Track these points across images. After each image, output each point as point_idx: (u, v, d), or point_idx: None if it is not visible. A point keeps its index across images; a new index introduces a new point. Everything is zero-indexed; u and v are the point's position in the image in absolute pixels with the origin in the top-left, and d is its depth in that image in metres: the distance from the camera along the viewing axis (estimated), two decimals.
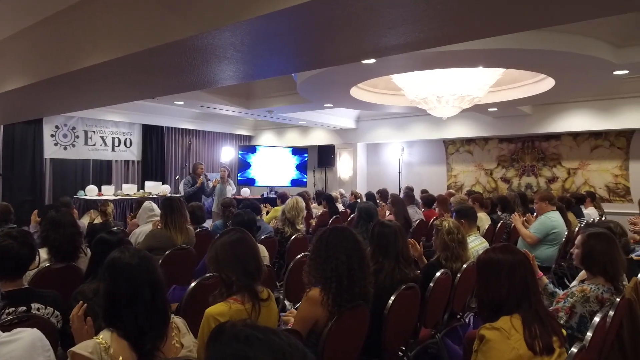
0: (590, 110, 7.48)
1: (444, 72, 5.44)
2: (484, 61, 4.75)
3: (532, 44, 4.15)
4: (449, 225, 3.21)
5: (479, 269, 1.85)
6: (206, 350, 0.75)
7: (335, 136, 10.53)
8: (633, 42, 4.62)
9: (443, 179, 9.66)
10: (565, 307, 2.34)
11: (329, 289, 2.12)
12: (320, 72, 5.10)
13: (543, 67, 5.02)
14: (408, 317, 2.67)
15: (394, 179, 9.98)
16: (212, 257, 2.12)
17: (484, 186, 9.07)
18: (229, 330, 0.74)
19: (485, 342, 1.65)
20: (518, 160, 8.78)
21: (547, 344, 1.64)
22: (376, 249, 2.67)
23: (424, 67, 5.03)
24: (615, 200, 7.75)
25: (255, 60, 3.87)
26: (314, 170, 11.12)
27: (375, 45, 3.41)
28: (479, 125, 8.56)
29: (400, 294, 2.50)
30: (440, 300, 3.02)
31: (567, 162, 8.28)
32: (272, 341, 0.72)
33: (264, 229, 4.36)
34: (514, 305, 1.70)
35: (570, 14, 2.81)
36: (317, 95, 6.55)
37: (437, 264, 3.14)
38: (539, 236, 4.48)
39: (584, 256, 2.44)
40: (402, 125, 9.43)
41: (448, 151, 9.65)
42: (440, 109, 6.03)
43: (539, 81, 6.02)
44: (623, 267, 2.52)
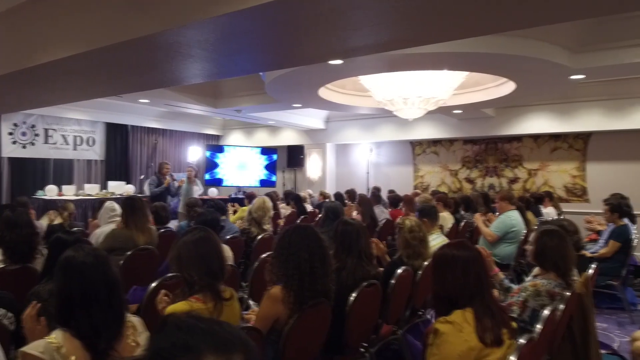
0: (550, 114, 7.77)
1: (410, 74, 5.54)
2: (448, 64, 4.87)
3: (494, 48, 4.28)
4: (410, 224, 3.29)
5: (435, 264, 1.91)
6: (149, 341, 0.76)
7: (305, 136, 10.56)
8: (589, 48, 4.82)
9: (410, 179, 9.83)
10: (518, 301, 2.44)
11: (290, 287, 2.14)
12: (288, 72, 5.11)
13: (504, 70, 5.18)
14: (370, 314, 2.72)
15: (362, 179, 10.08)
16: (174, 256, 2.11)
17: (449, 186, 9.28)
18: (171, 321, 0.75)
19: (439, 336, 1.70)
20: (482, 161, 9.03)
21: (497, 336, 1.71)
22: (339, 246, 2.71)
23: (390, 69, 5.12)
24: (573, 200, 8.07)
25: (222, 59, 3.85)
26: (284, 170, 11.11)
27: (342, 46, 3.45)
28: (445, 127, 8.76)
29: (362, 290, 2.54)
30: (402, 297, 3.08)
31: (528, 163, 8.57)
32: (214, 330, 0.73)
33: (229, 229, 4.34)
34: (467, 299, 1.76)
35: (531, 19, 2.92)
36: (285, 95, 6.56)
37: (399, 261, 3.20)
38: (499, 234, 4.63)
39: (537, 253, 2.55)
40: (371, 126, 9.54)
41: (415, 152, 9.83)
42: (406, 111, 6.13)
43: (501, 84, 6.21)
44: (573, 262, 2.65)
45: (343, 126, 9.97)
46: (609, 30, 4.60)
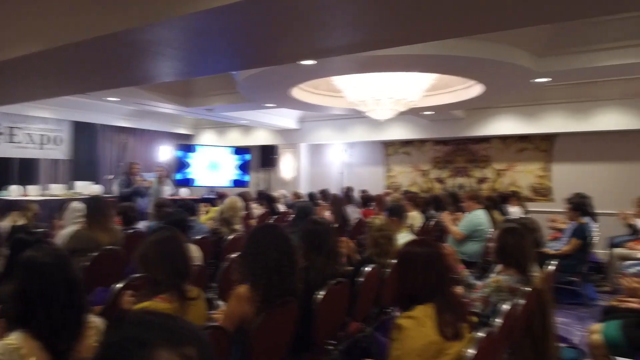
0: (517, 115, 7.99)
1: (382, 76, 5.61)
2: (419, 66, 4.96)
3: (463, 51, 4.39)
4: (379, 223, 3.35)
5: (398, 261, 1.95)
6: (103, 336, 0.76)
7: (278, 136, 10.54)
8: (553, 52, 4.99)
9: (382, 179, 9.94)
10: (481, 297, 2.52)
11: (258, 285, 2.16)
12: (260, 72, 5.10)
13: (472, 73, 5.30)
14: (338, 312, 2.75)
15: (336, 179, 10.14)
16: (139, 256, 2.10)
17: (420, 186, 9.43)
18: (126, 318, 0.76)
19: (401, 331, 1.75)
20: (452, 162, 9.21)
21: (457, 330, 1.76)
22: (308, 245, 2.73)
23: (362, 70, 5.17)
24: (538, 200, 8.32)
25: (192, 57, 3.82)
26: (257, 170, 11.06)
27: (315, 47, 3.48)
28: (416, 128, 8.89)
29: (330, 288, 2.57)
30: (370, 294, 3.13)
31: (496, 163, 8.79)
32: (167, 324, 0.74)
33: (199, 229, 4.31)
34: (429, 295, 1.81)
35: (499, 23, 3.01)
36: (257, 94, 6.54)
37: (368, 259, 3.25)
38: (466, 233, 4.75)
39: (499, 250, 2.63)
40: (344, 126, 9.61)
41: (387, 153, 9.94)
42: (378, 112, 6.21)
43: (470, 87, 6.35)
44: (533, 259, 2.75)
45: (317, 126, 10.00)
46: (572, 35, 4.77)
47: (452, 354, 1.73)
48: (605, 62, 4.75)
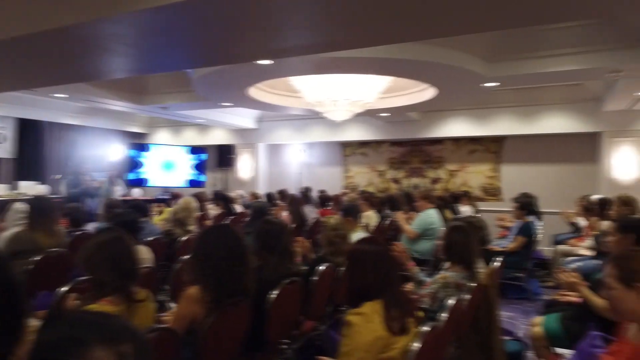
0: (468, 118, 8.28)
1: (338, 77, 5.68)
2: (374, 69, 5.05)
3: (416, 55, 4.51)
4: (333, 222, 3.39)
5: (348, 259, 1.99)
6: (37, 335, 0.75)
7: (236, 136, 10.43)
8: (502, 58, 5.20)
9: (340, 179, 10.04)
10: (429, 293, 2.60)
11: (208, 286, 2.14)
12: (216, 70, 5.03)
13: (426, 77, 5.45)
14: (291, 310, 2.77)
15: (295, 179, 10.14)
16: (84, 258, 2.03)
17: (376, 186, 9.59)
18: (61, 317, 0.75)
19: (351, 327, 1.79)
20: (407, 163, 9.43)
21: (404, 325, 1.82)
22: (261, 244, 2.73)
23: (318, 71, 5.21)
24: (488, 199, 8.65)
25: (144, 54, 3.74)
26: (214, 170, 10.90)
27: (271, 47, 3.48)
28: (373, 129, 9.04)
29: (283, 288, 2.58)
30: (324, 292, 3.16)
31: (449, 164, 9.08)
32: (102, 322, 0.74)
33: (151, 231, 4.21)
34: (377, 291, 1.86)
35: (451, 28, 3.12)
36: (213, 93, 6.45)
37: (322, 259, 3.28)
38: (419, 231, 4.88)
39: (446, 247, 2.73)
40: (302, 127, 9.63)
41: (345, 153, 10.05)
42: (335, 112, 6.28)
43: (424, 90, 6.52)
44: (478, 256, 2.86)
45: (275, 126, 9.98)
46: (519, 42, 4.99)
47: (399, 348, 1.78)
48: (549, 68, 5.01)
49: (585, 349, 2.12)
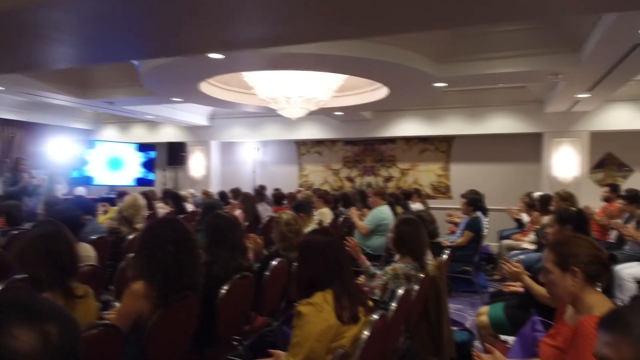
0: (419, 118, 8.48)
1: (292, 74, 5.66)
2: (327, 66, 5.06)
3: (369, 53, 4.56)
4: (286, 217, 3.37)
5: (299, 250, 1.98)
6: None
7: (188, 133, 10.18)
8: (451, 59, 5.36)
9: (295, 178, 10.02)
10: (380, 284, 2.63)
11: (154, 281, 2.06)
12: (165, 63, 4.87)
13: (378, 76, 5.53)
14: (242, 306, 2.72)
15: (249, 178, 10.02)
16: (17, 253, 1.90)
17: (331, 185, 9.65)
18: None
19: (301, 317, 1.77)
20: (361, 161, 9.55)
21: (354, 314, 1.83)
22: (211, 239, 2.67)
23: (272, 67, 5.17)
24: (438, 197, 8.90)
25: (87, 43, 3.56)
26: (164, 169, 10.58)
27: (223, 39, 3.41)
28: (328, 128, 9.09)
29: (234, 283, 2.53)
30: (277, 288, 3.13)
31: (401, 163, 9.27)
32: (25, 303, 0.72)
33: (95, 229, 4.02)
34: (328, 281, 1.85)
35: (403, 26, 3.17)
36: (163, 88, 6.26)
37: (276, 254, 3.25)
38: (371, 227, 4.94)
39: (396, 239, 2.77)
40: (256, 125, 9.54)
41: (300, 152, 10.04)
42: (289, 110, 6.25)
43: (376, 89, 6.62)
44: (427, 248, 2.93)
45: (228, 124, 9.81)
46: (467, 44, 5.16)
47: (349, 337, 1.78)
48: (495, 70, 5.21)
49: (527, 333, 2.21)
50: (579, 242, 1.73)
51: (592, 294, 1.65)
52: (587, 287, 1.66)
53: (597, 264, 1.67)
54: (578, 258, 1.67)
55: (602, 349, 0.88)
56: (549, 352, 1.70)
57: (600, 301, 1.63)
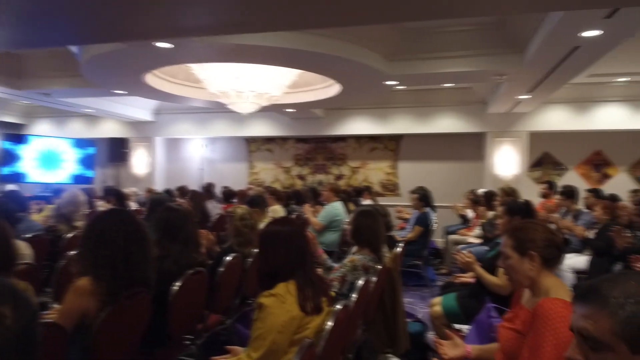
0: (370, 117, 8.59)
1: (244, 68, 5.53)
2: (278, 60, 4.98)
3: (320, 48, 4.53)
4: (241, 212, 3.27)
5: (261, 241, 1.91)
6: None
7: (130, 129, 9.72)
8: (401, 57, 5.44)
9: (245, 175, 9.84)
10: (338, 276, 2.60)
11: (101, 277, 1.91)
12: (108, 52, 4.59)
13: (330, 71, 5.52)
14: (196, 303, 2.60)
15: (196, 176, 9.73)
16: None
17: (282, 183, 9.57)
18: None
19: (263, 309, 1.70)
20: (312, 159, 9.54)
21: (317, 304, 1.78)
22: (162, 233, 2.52)
23: (222, 59, 5.03)
24: (387, 194, 9.06)
25: (20, 24, 3.28)
26: (104, 166, 10.05)
27: (170, 24, 3.25)
28: (279, 125, 9.00)
29: (187, 278, 2.41)
30: (231, 284, 3.03)
31: (352, 161, 9.35)
32: None
33: (30, 226, 3.73)
34: (290, 272, 1.80)
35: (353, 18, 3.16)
36: (105, 78, 5.92)
37: (230, 249, 3.15)
38: (325, 223, 4.93)
39: (354, 231, 2.76)
40: (204, 121, 9.27)
41: (250, 149, 9.88)
42: (240, 105, 6.11)
43: (329, 86, 6.62)
44: (384, 240, 2.94)
45: (174, 119, 9.47)
46: (417, 43, 5.27)
47: (312, 327, 1.74)
48: (443, 69, 5.35)
49: (483, 320, 2.26)
50: (535, 228, 1.77)
51: (548, 277, 1.70)
52: (544, 270, 1.71)
53: (553, 247, 1.72)
54: (535, 243, 1.71)
55: (579, 322, 0.89)
56: (508, 335, 1.73)
57: (556, 284, 1.68)
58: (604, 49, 4.27)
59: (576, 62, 4.58)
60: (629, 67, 6.39)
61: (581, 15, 3.44)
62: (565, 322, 1.48)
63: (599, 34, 3.76)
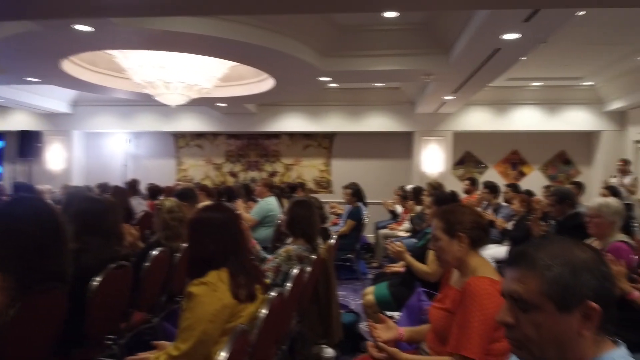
0: (303, 114, 8.60)
1: (172, 57, 5.30)
2: (208, 49, 4.80)
3: (253, 39, 4.44)
4: (169, 204, 3.11)
5: (190, 228, 1.81)
6: None
7: (44, 121, 8.98)
8: (334, 54, 5.48)
9: (173, 172, 9.45)
10: (272, 267, 2.55)
11: (10, 270, 1.71)
12: (20, 33, 4.17)
13: (263, 64, 5.43)
14: (118, 300, 2.42)
15: (118, 172, 9.18)
16: None
17: (213, 180, 9.30)
18: None
19: (193, 298, 1.62)
20: (244, 156, 9.37)
21: (251, 292, 1.72)
22: (80, 226, 2.32)
23: (147, 46, 4.77)
24: (320, 191, 9.11)
25: None
26: (14, 161, 9.18)
27: (87, 1, 3.02)
28: (209, 120, 8.75)
29: (108, 274, 2.24)
30: (157, 280, 2.87)
31: (285, 158, 9.31)
32: None
33: None
34: (222, 259, 1.72)
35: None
36: (15, 63, 5.39)
37: (157, 243, 2.98)
38: (258, 218, 4.85)
39: (289, 221, 2.72)
40: (129, 114, 8.79)
41: (178, 145, 9.51)
42: (168, 96, 5.84)
43: (262, 81, 6.53)
44: (319, 230, 2.94)
45: (95, 112, 8.88)
46: (350, 40, 5.33)
47: (246, 315, 1.68)
48: (374, 67, 5.47)
49: (413, 304, 2.32)
50: (463, 211, 1.85)
51: (475, 257, 1.78)
52: (471, 251, 1.77)
53: (479, 229, 1.80)
54: (463, 225, 1.78)
55: (510, 286, 0.91)
56: (438, 314, 1.78)
57: (483, 263, 1.76)
58: (522, 52, 4.58)
59: (497, 64, 4.88)
60: (542, 72, 6.93)
61: (502, 18, 3.66)
62: (492, 299, 1.55)
63: (517, 37, 4.02)
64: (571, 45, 5.49)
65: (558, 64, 6.45)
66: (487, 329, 1.55)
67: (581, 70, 6.92)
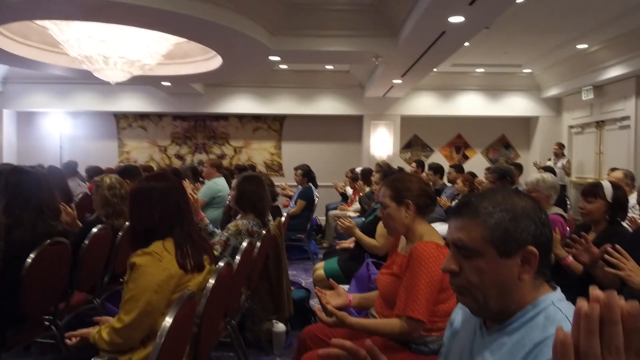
0: (253, 96, 8.45)
1: (112, 30, 5.01)
2: (151, 22, 4.57)
3: (198, 12, 4.27)
4: (110, 180, 2.96)
5: (132, 198, 1.73)
6: None
7: None
8: (284, 32, 5.39)
9: (114, 154, 9.02)
10: (221, 240, 2.50)
11: None
12: None
13: (209, 41, 5.24)
14: (56, 279, 2.29)
15: (54, 153, 8.65)
16: None
17: (157, 163, 8.98)
18: None
19: (136, 269, 1.55)
20: (191, 138, 9.10)
21: (198, 262, 1.68)
22: (11, 199, 2.16)
23: (85, 17, 4.48)
24: (271, 174, 9.01)
25: None
26: None
27: None
28: (153, 100, 8.40)
29: (43, 250, 2.11)
30: (99, 260, 2.75)
31: (234, 141, 9.13)
32: None
33: None
34: (167, 229, 1.66)
35: None
36: None
37: (97, 221, 2.84)
38: (206, 199, 4.73)
39: (237, 196, 2.68)
40: (65, 92, 8.27)
41: (120, 126, 9.08)
42: (108, 72, 5.54)
43: (209, 59, 6.34)
44: (269, 205, 2.91)
45: (27, 90, 8.29)
46: (300, 19, 5.26)
47: (193, 285, 1.63)
48: (324, 47, 5.44)
49: (362, 274, 2.36)
50: (411, 179, 1.88)
51: (422, 224, 1.82)
52: (418, 217, 1.82)
53: (426, 197, 1.84)
54: (411, 192, 1.82)
55: (454, 234, 0.94)
56: (386, 280, 1.82)
57: (429, 230, 1.81)
58: (466, 36, 4.72)
59: (443, 48, 4.99)
60: (484, 59, 7.19)
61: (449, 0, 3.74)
62: (438, 262, 1.60)
63: (462, 21, 4.13)
64: (511, 32, 5.72)
65: (499, 51, 6.71)
66: (433, 291, 1.60)
67: (521, 57, 7.24)
